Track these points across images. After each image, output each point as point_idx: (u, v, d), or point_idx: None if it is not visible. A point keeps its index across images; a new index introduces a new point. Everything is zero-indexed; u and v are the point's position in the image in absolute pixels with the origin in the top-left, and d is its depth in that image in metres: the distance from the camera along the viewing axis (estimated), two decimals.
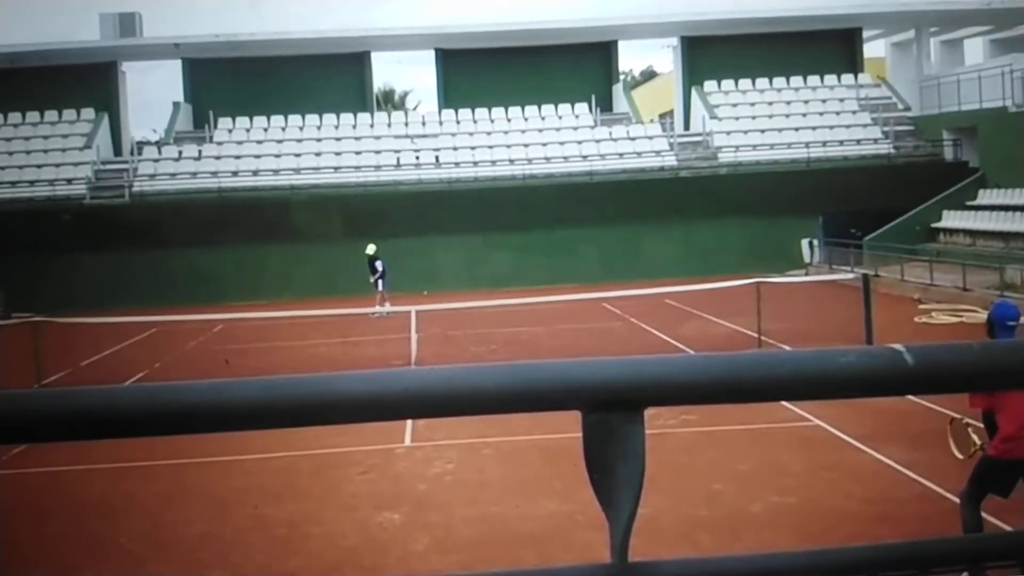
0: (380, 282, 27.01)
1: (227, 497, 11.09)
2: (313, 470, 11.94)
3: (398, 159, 36.27)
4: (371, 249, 27.32)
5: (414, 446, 12.82)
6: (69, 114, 37.99)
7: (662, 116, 44.27)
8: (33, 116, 37.81)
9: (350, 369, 1.36)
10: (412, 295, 27.30)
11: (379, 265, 27.02)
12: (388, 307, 25.11)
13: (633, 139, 37.08)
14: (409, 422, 12.40)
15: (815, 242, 33.32)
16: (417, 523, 9.94)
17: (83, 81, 37.76)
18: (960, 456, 7.56)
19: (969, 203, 32.21)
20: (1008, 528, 7.45)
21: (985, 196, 32.09)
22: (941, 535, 1.52)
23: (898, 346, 1.31)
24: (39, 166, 35.51)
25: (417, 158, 36.37)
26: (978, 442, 7.36)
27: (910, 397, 9.37)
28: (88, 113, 38.03)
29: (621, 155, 36.02)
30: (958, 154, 35.43)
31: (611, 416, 1.29)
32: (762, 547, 8.29)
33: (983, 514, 7.40)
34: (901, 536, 1.35)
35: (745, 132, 36.90)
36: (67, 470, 11.74)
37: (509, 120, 38.50)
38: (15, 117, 37.76)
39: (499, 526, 9.73)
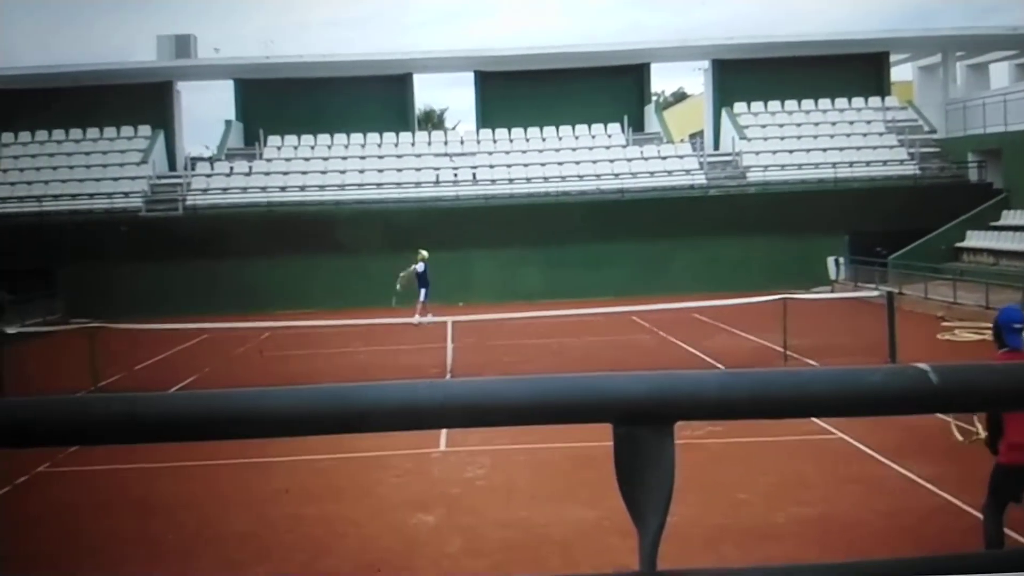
0: (423, 292, 27.61)
1: (267, 497, 11.30)
2: (350, 472, 12.11)
3: (437, 176, 36.89)
4: (425, 254, 27.98)
5: (448, 451, 13.01)
6: (127, 131, 39.07)
7: (692, 136, 43.99)
8: (93, 132, 38.96)
9: (389, 376, 1.50)
10: (449, 307, 27.70)
11: (424, 272, 27.58)
12: (419, 318, 25.46)
13: (664, 158, 37.31)
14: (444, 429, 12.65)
15: (841, 260, 33.44)
16: (450, 526, 10.11)
17: (140, 100, 38.91)
18: (960, 439, 7.70)
19: (993, 224, 32.41)
20: None
21: (1009, 217, 32.34)
22: (961, 550, 1.52)
23: (923, 365, 1.32)
24: (98, 180, 36.58)
25: (456, 175, 36.96)
26: (982, 433, 7.42)
27: None
28: (145, 130, 39.04)
29: (652, 174, 36.31)
30: (983, 176, 35.50)
31: (641, 429, 1.30)
32: (785, 558, 8.51)
33: (1007, 530, 7.50)
34: (923, 550, 1.50)
35: (774, 152, 37.05)
36: (115, 468, 12.10)
37: (544, 139, 38.90)
38: (76, 133, 38.96)
39: (530, 531, 9.82)
